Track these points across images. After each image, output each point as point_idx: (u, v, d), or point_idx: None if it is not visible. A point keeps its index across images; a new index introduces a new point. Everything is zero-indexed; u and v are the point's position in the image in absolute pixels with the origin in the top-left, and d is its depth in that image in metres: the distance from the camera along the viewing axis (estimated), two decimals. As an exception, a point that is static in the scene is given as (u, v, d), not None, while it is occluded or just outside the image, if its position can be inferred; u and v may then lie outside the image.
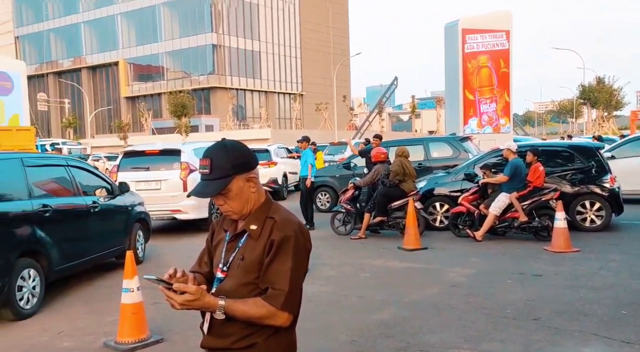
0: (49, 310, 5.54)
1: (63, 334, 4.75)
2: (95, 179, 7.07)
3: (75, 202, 6.35)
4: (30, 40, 67.43)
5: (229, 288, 1.78)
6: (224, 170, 1.76)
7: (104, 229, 6.81)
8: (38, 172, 6.01)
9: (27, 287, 5.31)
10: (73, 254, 6.08)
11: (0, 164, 5.55)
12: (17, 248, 5.26)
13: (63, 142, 40.17)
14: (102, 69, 63.94)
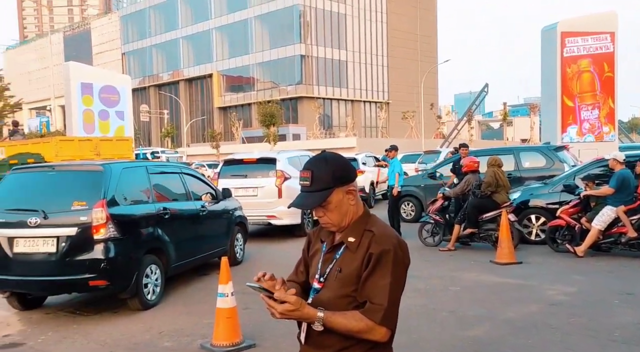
0: (153, 310, 5.88)
1: (163, 333, 5.03)
2: (202, 185, 7.69)
3: (188, 206, 6.98)
4: (134, 55, 72.77)
5: (326, 299, 1.78)
6: (324, 182, 1.77)
7: (210, 231, 7.39)
8: (158, 178, 6.69)
9: (151, 281, 5.96)
10: (186, 253, 6.67)
11: (131, 172, 6.23)
12: (144, 246, 5.91)
13: (162, 151, 42.84)
14: (198, 81, 67.49)
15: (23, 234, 5.43)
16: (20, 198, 5.80)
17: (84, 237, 5.35)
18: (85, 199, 5.47)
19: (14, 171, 6.23)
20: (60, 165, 6.68)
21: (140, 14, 71.26)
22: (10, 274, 5.52)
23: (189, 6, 66.39)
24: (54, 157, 12.59)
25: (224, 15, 63.12)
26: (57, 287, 5.67)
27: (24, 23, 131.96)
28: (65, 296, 6.55)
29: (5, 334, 5.21)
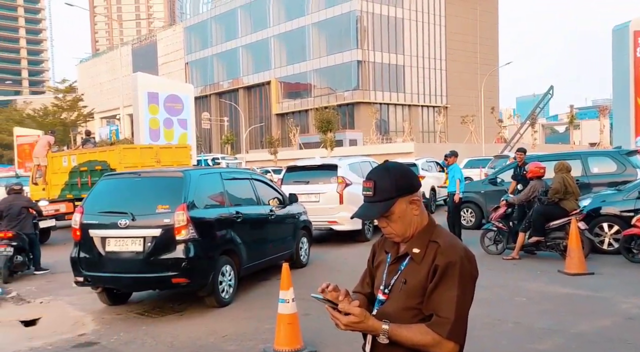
0: (216, 314, 6.04)
1: (227, 337, 5.15)
2: (270, 190, 8.01)
3: (258, 210, 7.34)
4: (197, 65, 75.30)
5: (391, 311, 1.76)
6: (387, 192, 1.75)
7: (278, 234, 7.72)
8: (231, 184, 7.06)
9: (225, 280, 6.31)
10: (256, 255, 7.00)
11: (207, 178, 6.68)
12: (219, 247, 6.28)
13: (222, 157, 44.00)
14: (256, 88, 68.91)
15: (114, 235, 5.93)
16: (111, 202, 6.29)
17: (167, 238, 5.78)
18: (168, 203, 5.90)
19: (105, 178, 6.81)
20: (145, 172, 7.16)
21: (202, 24, 73.72)
22: (102, 271, 6.01)
23: (248, 16, 68.02)
24: (118, 164, 13.25)
25: (282, 23, 64.20)
26: (143, 284, 6.19)
27: (96, 37, 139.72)
28: (134, 298, 6.85)
29: (80, 334, 5.51)
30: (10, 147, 39.44)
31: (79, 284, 6.26)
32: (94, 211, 6.18)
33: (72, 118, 47.41)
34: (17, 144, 32.38)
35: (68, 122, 46.16)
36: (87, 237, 6.07)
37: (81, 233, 6.14)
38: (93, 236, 6.03)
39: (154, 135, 26.00)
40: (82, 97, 52.03)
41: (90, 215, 6.17)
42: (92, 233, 6.05)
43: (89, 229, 6.08)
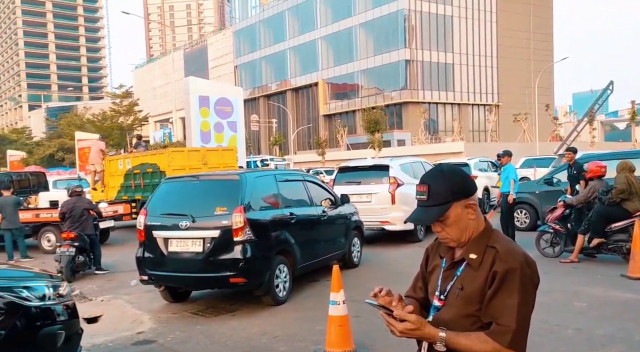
0: (267, 314, 6.12)
1: (278, 338, 5.21)
2: (322, 191, 8.10)
3: (310, 211, 7.45)
4: (245, 68, 76.61)
5: (449, 318, 1.73)
6: (442, 196, 1.72)
7: (330, 235, 7.82)
8: (285, 185, 7.23)
9: (281, 279, 6.47)
10: (309, 255, 7.12)
11: (262, 180, 6.87)
12: (275, 248, 6.43)
13: (271, 159, 44.54)
14: (304, 90, 69.37)
15: (176, 236, 6.18)
16: (172, 204, 6.54)
17: (225, 239, 5.97)
18: (226, 205, 6.09)
19: (166, 181, 7.12)
20: (204, 175, 7.39)
21: (251, 28, 74.94)
22: (165, 270, 6.28)
23: (295, 18, 68.60)
24: (167, 167, 13.74)
25: (329, 24, 64.36)
26: (203, 283, 6.43)
27: (150, 43, 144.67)
28: (189, 297, 7.04)
29: (139, 331, 5.71)
30: (72, 151, 41.40)
31: (144, 282, 6.56)
32: (157, 213, 6.45)
33: (128, 122, 49.26)
34: (78, 147, 33.94)
35: (124, 126, 48.00)
36: (150, 238, 6.37)
37: (145, 234, 6.44)
38: (156, 237, 6.32)
39: (205, 137, 26.58)
40: (138, 102, 53.95)
41: (154, 217, 6.44)
42: (155, 234, 6.33)
43: (153, 230, 6.36)
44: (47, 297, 3.66)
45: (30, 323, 3.50)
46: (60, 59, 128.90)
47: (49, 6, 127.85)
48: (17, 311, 3.42)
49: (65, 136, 51.71)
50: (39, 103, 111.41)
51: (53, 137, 59.51)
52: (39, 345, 3.51)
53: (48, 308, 3.63)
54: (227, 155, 15.33)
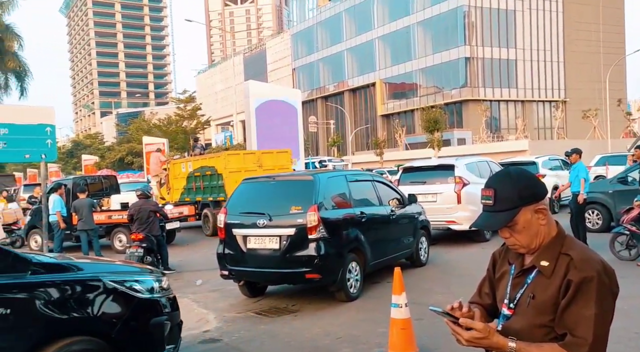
0: (329, 315, 6.16)
1: (341, 339, 5.23)
2: (390, 191, 8.26)
3: (380, 211, 7.64)
4: (303, 70, 77.36)
5: (519, 328, 1.68)
6: (509, 201, 1.66)
7: (399, 234, 8.01)
8: (355, 185, 7.46)
9: (353, 276, 6.71)
10: (379, 253, 7.32)
11: (333, 180, 7.16)
12: (347, 246, 6.67)
13: (329, 160, 44.71)
14: (361, 90, 69.17)
15: (254, 233, 6.55)
16: (250, 203, 6.88)
17: (301, 237, 6.28)
18: (300, 204, 6.41)
19: (244, 182, 7.46)
20: (279, 176, 7.86)
21: (308, 30, 75.60)
22: (244, 266, 6.64)
23: (352, 19, 68.56)
24: (223, 169, 14.16)
25: (387, 24, 63.86)
26: (280, 278, 6.76)
27: (212, 49, 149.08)
28: (249, 299, 7.20)
29: (205, 330, 5.90)
30: (140, 155, 43.26)
31: (224, 277, 6.91)
32: (236, 212, 6.83)
33: (192, 126, 50.92)
34: (145, 151, 35.48)
35: (188, 130, 49.65)
36: (230, 235, 6.74)
37: (225, 232, 6.81)
38: (236, 235, 6.68)
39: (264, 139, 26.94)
40: (200, 106, 55.69)
41: (233, 215, 6.82)
42: (235, 232, 6.69)
43: (232, 228, 6.73)
44: (154, 290, 3.95)
45: (142, 314, 3.80)
46: (129, 67, 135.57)
47: (119, 17, 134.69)
48: (130, 302, 3.73)
49: (134, 141, 54.10)
50: (110, 110, 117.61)
51: (123, 141, 62.45)
52: (149, 334, 3.81)
53: (156, 300, 3.92)
54: (281, 157, 15.56)
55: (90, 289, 3.57)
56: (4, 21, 32.57)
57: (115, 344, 3.58)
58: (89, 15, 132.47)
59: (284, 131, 28.11)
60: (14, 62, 33.04)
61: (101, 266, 4.11)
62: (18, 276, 3.33)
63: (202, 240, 14.32)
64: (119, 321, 3.62)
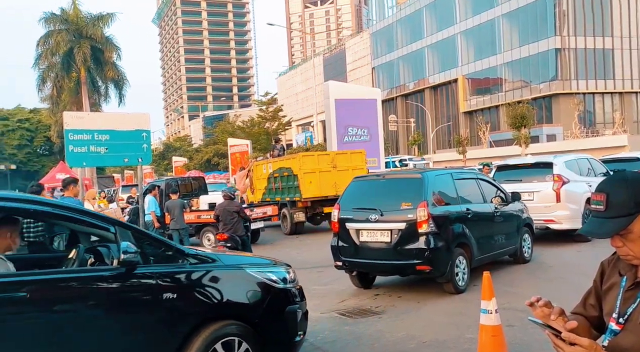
0: (413, 318, 6.07)
1: (427, 344, 5.13)
2: (493, 189, 8.40)
3: (484, 208, 7.89)
4: (383, 69, 76.83)
5: (629, 346, 1.54)
6: (624, 207, 1.53)
7: (502, 230, 8.16)
8: (461, 183, 7.80)
9: (460, 270, 7.02)
10: (485, 248, 7.59)
11: (440, 178, 7.51)
12: (455, 240, 7.00)
13: (409, 158, 44.08)
14: (442, 87, 67.54)
15: (366, 227, 7.07)
16: (361, 200, 7.41)
17: (411, 231, 6.72)
18: (410, 201, 6.84)
19: (355, 180, 8.07)
20: (388, 174, 8.41)
21: (388, 29, 74.99)
22: (357, 257, 7.13)
23: (433, 15, 67.11)
24: (298, 170, 14.57)
25: (469, 18, 61.87)
26: (391, 269, 7.27)
27: (292, 51, 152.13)
28: (333, 298, 7.25)
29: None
30: (225, 156, 45.03)
31: (338, 267, 7.42)
32: (349, 208, 7.39)
33: (274, 127, 52.24)
34: (230, 152, 36.82)
35: (270, 131, 50.99)
36: (344, 229, 7.31)
37: (339, 226, 7.39)
38: (349, 229, 7.24)
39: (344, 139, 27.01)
40: (282, 108, 56.98)
41: (346, 211, 7.39)
42: (348, 226, 7.26)
43: (345, 222, 7.30)
44: (287, 281, 4.29)
45: (279, 302, 4.16)
46: (214, 71, 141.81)
47: (205, 25, 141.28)
48: (269, 291, 4.10)
49: (219, 142, 56.41)
50: (197, 113, 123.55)
51: (209, 143, 65.34)
52: (285, 321, 4.17)
53: (289, 290, 4.28)
54: (355, 158, 15.69)
55: (236, 278, 4.01)
56: (104, 33, 35.17)
57: (257, 329, 3.95)
58: (178, 24, 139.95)
59: (363, 130, 28.06)
60: (113, 71, 35.60)
61: (241, 258, 4.55)
62: (180, 265, 3.76)
63: (283, 239, 14.65)
64: (261, 307, 4.02)
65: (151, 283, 3.55)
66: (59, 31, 33.89)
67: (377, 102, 30.49)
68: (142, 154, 9.04)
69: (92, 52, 33.91)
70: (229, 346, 3.76)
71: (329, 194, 14.47)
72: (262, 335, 3.96)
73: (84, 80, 34.55)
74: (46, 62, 34.82)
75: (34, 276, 3.47)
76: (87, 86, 34.80)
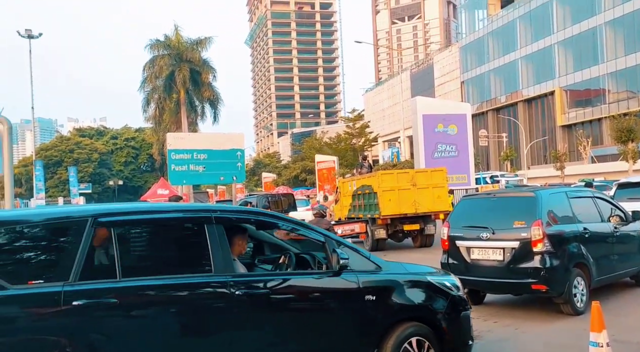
0: (510, 346, 5.75)
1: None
2: (611, 207, 8.12)
3: (602, 227, 7.66)
4: (472, 82, 74.72)
5: None
6: None
7: (624, 251, 7.92)
8: (576, 202, 7.58)
9: (578, 291, 6.88)
10: (604, 269, 7.38)
11: (555, 197, 7.36)
12: (572, 260, 6.89)
13: (501, 175, 42.29)
14: (537, 100, 64.33)
15: (477, 245, 7.14)
16: (471, 218, 7.48)
17: (525, 250, 6.67)
18: (523, 219, 6.79)
19: (464, 198, 8.24)
20: (500, 193, 8.43)
21: (478, 41, 73.04)
22: (468, 274, 7.09)
23: (528, 25, 64.43)
24: (378, 188, 14.72)
25: (568, 27, 58.67)
26: (504, 288, 7.25)
27: (379, 67, 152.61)
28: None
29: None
30: (312, 172, 45.78)
31: None
32: (459, 225, 7.50)
33: (360, 143, 52.42)
34: (317, 169, 37.39)
35: (357, 147, 51.22)
36: (454, 246, 7.42)
37: (449, 243, 7.52)
38: (459, 246, 7.35)
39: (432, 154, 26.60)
40: (369, 124, 57.11)
41: (456, 229, 7.49)
42: (458, 243, 7.37)
43: (456, 240, 7.41)
44: (459, 288, 4.66)
45: (455, 307, 4.53)
46: (303, 89, 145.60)
47: (294, 44, 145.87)
48: (447, 296, 4.51)
49: (307, 159, 57.53)
50: (286, 130, 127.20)
51: (297, 160, 66.81)
52: (461, 325, 4.55)
53: (461, 297, 4.65)
54: (436, 176, 15.53)
55: (421, 285, 4.46)
56: (202, 56, 37.39)
57: (438, 331, 4.35)
58: (269, 44, 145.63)
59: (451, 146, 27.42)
60: (209, 92, 37.69)
61: (420, 267, 4.85)
62: (374, 271, 4.30)
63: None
64: (441, 312, 4.42)
65: (356, 286, 4.10)
66: (162, 56, 36.53)
67: (466, 116, 29.64)
68: (237, 173, 9.45)
69: (190, 74, 36.16)
70: (419, 344, 4.20)
71: (409, 211, 14.51)
72: (442, 338, 4.34)
73: (183, 100, 36.87)
74: (150, 85, 37.61)
75: (271, 277, 4.27)
76: (185, 106, 37.09)
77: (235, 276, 3.80)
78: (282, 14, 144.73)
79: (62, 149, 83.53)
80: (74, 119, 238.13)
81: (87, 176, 79.78)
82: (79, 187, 69.75)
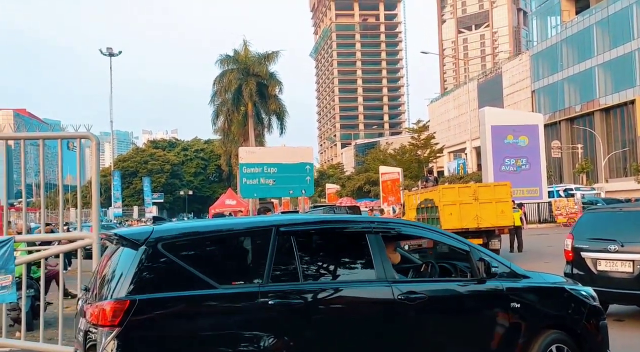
0: None
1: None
2: None
3: None
4: (544, 91, 71.80)
5: None
6: None
7: None
8: None
9: None
10: None
11: None
12: None
13: (576, 188, 40.26)
14: (617, 109, 60.84)
15: (604, 257, 7.31)
16: (597, 230, 7.70)
17: None
18: None
19: (588, 212, 8.57)
20: (625, 207, 8.77)
21: (551, 49, 70.28)
22: (594, 285, 7.05)
23: (606, 31, 61.32)
24: (439, 202, 14.73)
25: (650, 32, 55.39)
26: (632, 299, 7.42)
27: (444, 77, 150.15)
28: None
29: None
30: (376, 183, 45.61)
31: None
32: (583, 237, 7.69)
33: (425, 155, 51.67)
34: (381, 180, 37.19)
35: (422, 159, 50.52)
36: (578, 258, 7.63)
37: (573, 254, 7.73)
38: (585, 257, 7.54)
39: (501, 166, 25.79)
40: (434, 135, 56.20)
41: (580, 240, 7.69)
42: (583, 255, 7.56)
43: (580, 251, 7.61)
44: (595, 298, 4.80)
45: (594, 316, 4.69)
46: (366, 100, 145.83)
47: (359, 55, 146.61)
48: (585, 305, 4.67)
49: (370, 170, 57.37)
50: (349, 141, 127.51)
51: (361, 171, 66.81)
52: (600, 334, 4.67)
53: (598, 306, 4.79)
54: (499, 191, 15.28)
55: (560, 293, 4.65)
56: (269, 70, 38.42)
57: (577, 339, 4.47)
58: (333, 56, 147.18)
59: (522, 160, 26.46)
60: (276, 104, 38.61)
61: (555, 277, 4.99)
62: (516, 280, 4.47)
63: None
64: (581, 320, 4.57)
65: (503, 293, 4.30)
66: (230, 70, 37.87)
67: (538, 127, 28.50)
68: (305, 186, 9.63)
69: (257, 87, 37.23)
70: (559, 351, 4.34)
71: (470, 226, 14.30)
72: (581, 346, 4.46)
73: (251, 113, 37.97)
74: (220, 99, 39.03)
75: (426, 284, 4.38)
76: (253, 119, 38.16)
77: (396, 281, 4.07)
78: (346, 26, 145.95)
79: (137, 160, 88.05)
80: (148, 131, 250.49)
81: (160, 186, 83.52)
82: (152, 197, 73.14)
